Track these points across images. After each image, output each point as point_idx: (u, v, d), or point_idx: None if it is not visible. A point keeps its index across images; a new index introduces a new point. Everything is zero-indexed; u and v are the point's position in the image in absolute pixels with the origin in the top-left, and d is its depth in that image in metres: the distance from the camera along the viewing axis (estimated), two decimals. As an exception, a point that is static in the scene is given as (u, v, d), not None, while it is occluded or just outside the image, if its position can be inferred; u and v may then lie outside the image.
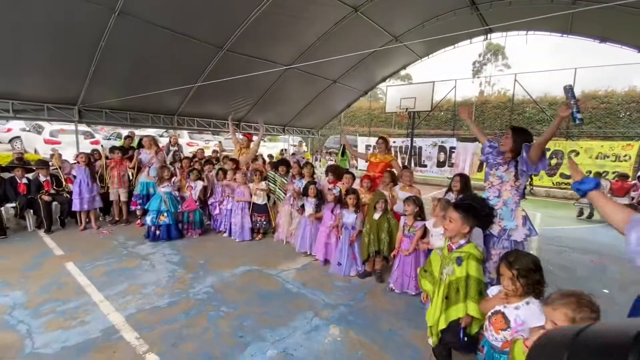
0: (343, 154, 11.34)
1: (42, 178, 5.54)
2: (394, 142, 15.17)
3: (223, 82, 8.59)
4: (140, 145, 6.58)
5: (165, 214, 5.04)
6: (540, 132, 15.10)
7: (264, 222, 5.27)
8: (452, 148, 13.09)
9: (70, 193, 5.55)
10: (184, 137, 14.60)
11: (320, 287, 3.63)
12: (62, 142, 10.97)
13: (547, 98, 17.01)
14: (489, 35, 10.14)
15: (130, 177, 6.07)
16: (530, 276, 1.67)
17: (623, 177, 7.63)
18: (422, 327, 2.83)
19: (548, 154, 11.38)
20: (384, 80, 12.66)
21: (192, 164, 6.23)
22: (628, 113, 14.69)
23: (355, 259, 3.99)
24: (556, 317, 1.36)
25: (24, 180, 5.40)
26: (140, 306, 3.11)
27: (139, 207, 5.81)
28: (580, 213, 7.93)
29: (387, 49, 10.19)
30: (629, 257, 1.32)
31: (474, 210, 2.17)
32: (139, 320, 2.88)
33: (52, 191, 5.56)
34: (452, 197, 3.83)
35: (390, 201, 4.40)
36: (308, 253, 4.51)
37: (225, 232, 5.39)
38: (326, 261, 4.27)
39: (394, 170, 4.66)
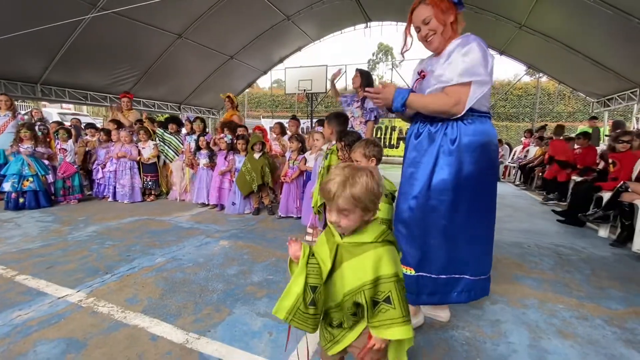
0: None
1: None
2: (296, 123, 15.97)
3: (102, 49, 7.77)
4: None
5: (30, 179, 4.46)
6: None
7: (150, 182, 5.12)
8: (346, 127, 14.54)
9: None
10: (53, 119, 12.42)
11: (215, 222, 3.88)
12: None
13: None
14: (369, 23, 11.53)
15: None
16: (352, 145, 2.30)
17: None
18: (302, 232, 3.40)
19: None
20: (281, 61, 13.12)
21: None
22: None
23: (249, 199, 4.34)
24: (356, 157, 1.98)
25: None
26: (5, 251, 2.85)
27: None
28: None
29: (282, 29, 10.67)
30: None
31: (335, 117, 2.78)
32: (4, 260, 2.66)
33: None
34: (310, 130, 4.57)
35: (281, 150, 4.92)
36: (206, 203, 4.65)
37: (109, 197, 5.05)
38: (222, 207, 4.50)
39: (281, 122, 5.21)
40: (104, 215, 4.13)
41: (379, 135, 14.20)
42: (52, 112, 13.35)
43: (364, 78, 3.53)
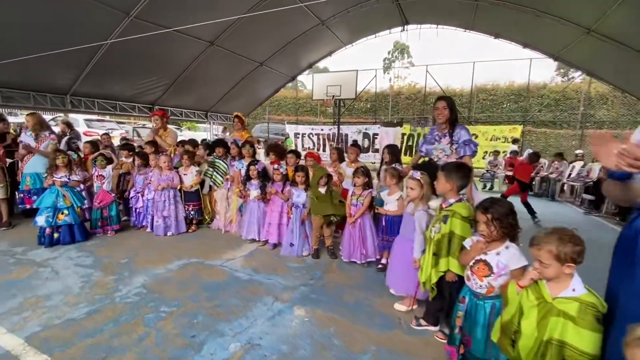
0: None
1: None
2: (322, 129, 15.35)
3: (132, 58, 7.41)
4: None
5: (65, 212, 4.03)
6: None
7: (192, 212, 4.66)
8: (374, 134, 13.87)
9: None
10: (80, 126, 12.22)
11: (275, 271, 3.36)
12: None
13: (449, 90, 19.33)
14: (406, 26, 10.85)
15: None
16: (504, 219, 1.72)
17: (515, 153, 9.09)
18: (384, 296, 2.85)
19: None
20: (310, 66, 12.60)
21: (96, 150, 5.19)
22: (509, 103, 17.67)
23: (307, 238, 3.81)
24: (542, 256, 1.39)
25: None
26: (47, 322, 2.39)
27: (35, 205, 4.53)
28: (484, 186, 9.23)
29: (314, 34, 10.13)
30: None
31: (456, 168, 2.19)
32: (47, 338, 2.20)
33: None
34: (384, 168, 3.95)
35: (338, 178, 4.36)
36: (257, 239, 4.14)
37: (147, 226, 4.62)
38: (274, 245, 3.99)
39: (339, 147, 4.65)
40: (148, 257, 3.67)
41: (410, 143, 13.47)
42: (79, 118, 13.22)
43: (453, 110, 2.95)
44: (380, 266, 3.38)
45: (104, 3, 5.85)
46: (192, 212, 4.63)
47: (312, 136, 14.94)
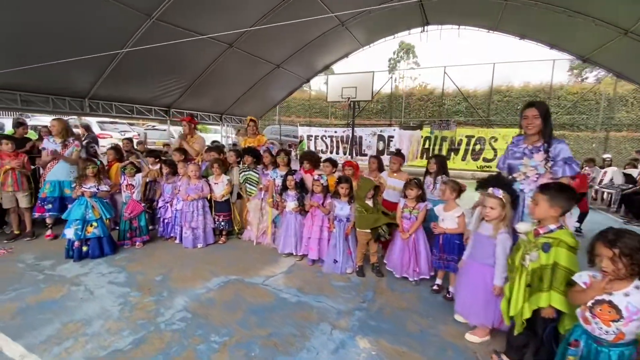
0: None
1: None
2: (335, 131, 15.10)
3: (151, 61, 7.24)
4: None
5: (94, 224, 3.86)
6: (458, 120, 16.88)
7: (223, 223, 4.46)
8: (390, 137, 13.62)
9: None
10: (91, 127, 12.15)
11: (322, 292, 3.14)
12: None
13: (463, 91, 19.00)
14: (425, 27, 10.59)
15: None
16: (635, 255, 1.48)
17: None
18: (449, 323, 2.63)
19: (472, 140, 12.73)
20: (326, 68, 12.38)
21: (121, 156, 5.03)
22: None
23: (351, 254, 3.58)
24: None
25: None
26: (91, 353, 2.19)
27: (47, 214, 4.38)
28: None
29: (333, 35, 9.91)
30: None
31: (560, 189, 1.94)
32: (96, 376, 2.00)
33: None
34: (429, 180, 3.71)
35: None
36: (293, 254, 3.93)
37: (175, 238, 4.43)
38: (313, 260, 3.77)
39: (379, 157, 4.42)
40: (183, 273, 3.47)
41: (427, 146, 13.21)
42: (92, 120, 13.12)
43: (547, 120, 2.56)
44: (435, 287, 3.15)
45: (126, 4, 5.67)
46: (222, 223, 4.43)
47: (325, 138, 14.74)
